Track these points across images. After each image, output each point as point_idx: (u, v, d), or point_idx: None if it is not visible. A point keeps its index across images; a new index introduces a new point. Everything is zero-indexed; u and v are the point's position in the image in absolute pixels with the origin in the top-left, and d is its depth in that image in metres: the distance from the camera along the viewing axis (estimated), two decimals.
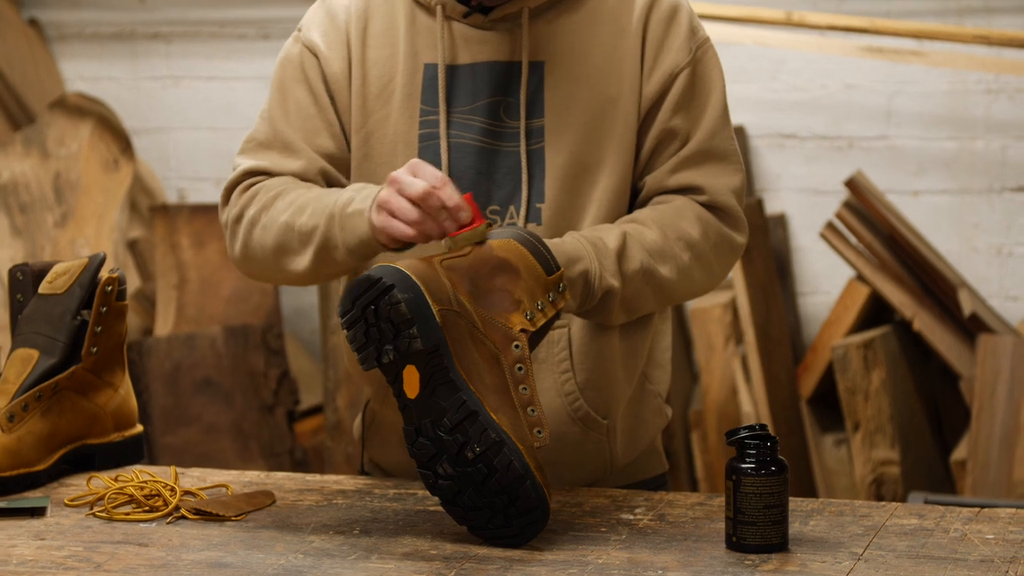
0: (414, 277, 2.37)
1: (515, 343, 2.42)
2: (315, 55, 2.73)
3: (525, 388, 2.41)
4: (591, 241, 2.58)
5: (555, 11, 2.69)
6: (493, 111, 2.67)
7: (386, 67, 2.70)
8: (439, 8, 2.68)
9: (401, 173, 2.47)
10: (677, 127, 2.68)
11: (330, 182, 2.72)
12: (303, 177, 2.71)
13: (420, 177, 2.45)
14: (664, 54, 2.69)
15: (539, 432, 2.41)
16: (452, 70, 2.68)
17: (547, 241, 2.50)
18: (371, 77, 2.70)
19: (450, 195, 2.44)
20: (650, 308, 2.69)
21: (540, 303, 2.46)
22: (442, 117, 2.67)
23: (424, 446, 2.39)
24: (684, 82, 2.69)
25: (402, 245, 2.50)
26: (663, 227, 2.64)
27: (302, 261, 2.63)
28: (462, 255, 2.43)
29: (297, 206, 2.62)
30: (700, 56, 2.71)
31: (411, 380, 2.38)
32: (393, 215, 2.46)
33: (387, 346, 2.37)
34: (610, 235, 2.60)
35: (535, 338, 2.48)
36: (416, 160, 2.48)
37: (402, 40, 2.70)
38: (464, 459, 2.36)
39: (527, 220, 2.64)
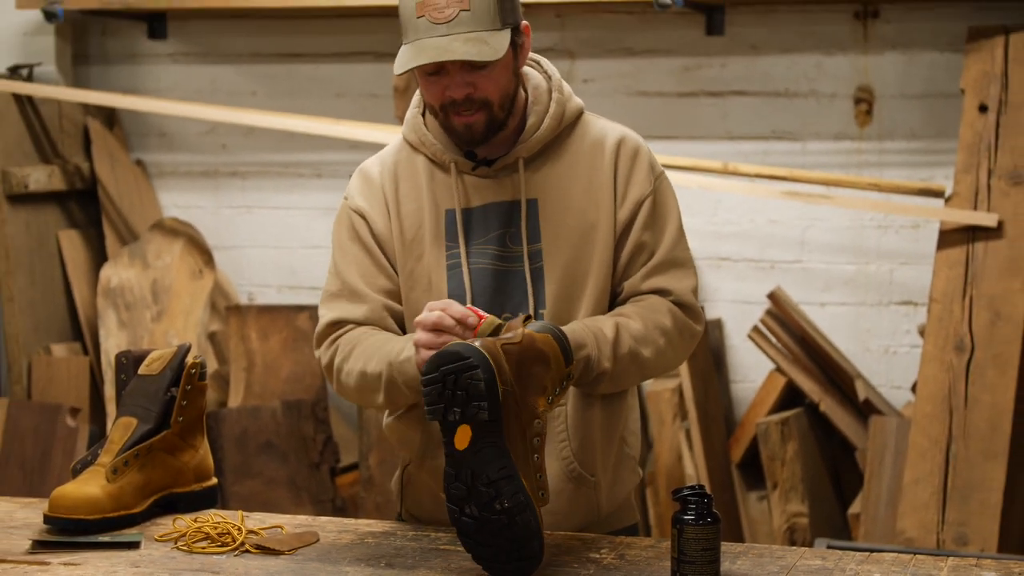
0: (491, 361, 2.36)
1: (537, 420, 2.42)
2: (363, 217, 2.75)
3: (538, 457, 2.40)
4: (593, 331, 2.60)
5: (543, 158, 2.72)
6: (501, 240, 2.68)
7: (416, 217, 2.72)
8: (452, 166, 2.70)
9: (421, 315, 2.53)
10: (645, 242, 2.70)
11: (392, 312, 2.74)
12: (370, 316, 2.73)
13: (432, 309, 2.51)
14: (631, 187, 2.71)
15: (542, 494, 2.40)
16: (467, 212, 2.70)
17: (559, 327, 2.52)
18: (406, 226, 2.72)
19: (456, 311, 2.50)
20: (633, 382, 2.71)
21: (557, 389, 2.46)
22: (462, 250, 2.69)
23: (459, 488, 2.36)
24: (648, 207, 2.71)
25: None
26: (644, 319, 2.66)
27: (378, 398, 2.67)
28: (515, 343, 2.43)
29: (366, 357, 2.66)
30: (659, 186, 2.74)
31: (463, 436, 2.36)
32: (426, 347, 2.50)
33: (456, 408, 2.34)
34: (607, 326, 2.62)
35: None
36: (431, 302, 2.55)
37: (425, 193, 2.72)
38: (492, 508, 2.34)
39: None
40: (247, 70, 5.58)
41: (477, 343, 2.37)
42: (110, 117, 5.66)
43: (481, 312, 2.52)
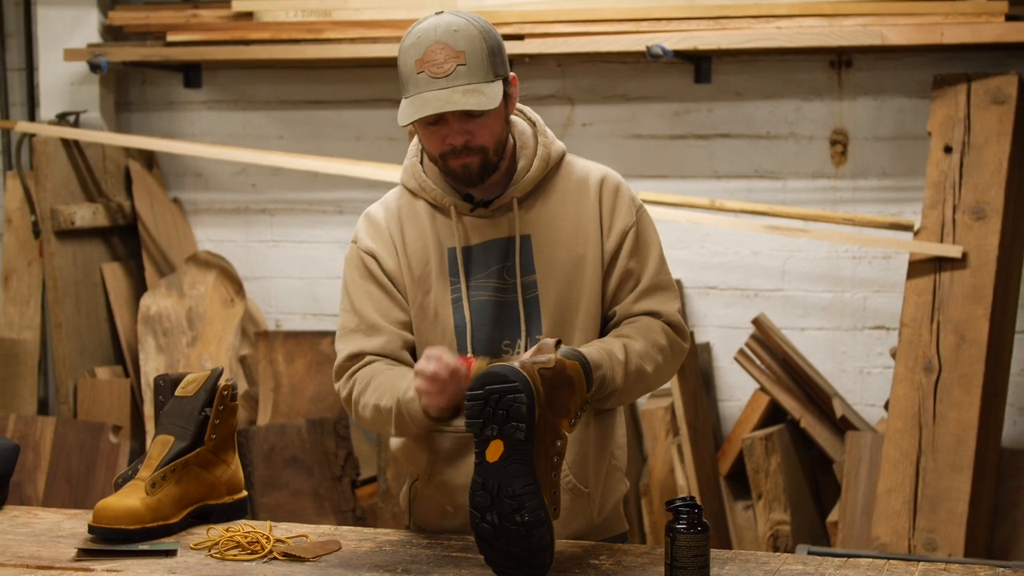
0: (532, 385, 2.35)
1: (559, 441, 2.41)
2: (373, 256, 2.74)
3: (555, 475, 2.40)
4: (607, 353, 2.60)
5: (534, 197, 2.72)
6: (499, 274, 2.69)
7: (422, 255, 2.71)
8: (452, 208, 2.71)
9: (420, 363, 2.51)
10: (632, 269, 2.71)
11: (406, 343, 2.73)
12: (386, 347, 2.71)
13: (429, 358, 2.49)
14: (616, 219, 2.72)
15: (555, 509, 2.40)
16: (467, 250, 2.70)
17: (582, 352, 2.51)
18: (413, 263, 2.72)
19: (445, 365, 2.48)
20: (635, 397, 2.72)
21: (578, 412, 2.46)
22: (463, 284, 2.68)
23: (484, 497, 2.35)
24: (632, 237, 2.72)
25: (446, 415, 2.52)
26: (644, 338, 2.67)
27: (390, 430, 2.66)
28: (549, 367, 2.42)
29: (380, 392, 2.64)
30: (640, 217, 2.76)
31: (495, 449, 2.35)
32: (425, 394, 2.49)
33: (493, 425, 2.34)
34: (616, 347, 2.62)
35: None
36: (428, 349, 2.52)
37: (429, 233, 2.72)
38: (512, 519, 2.33)
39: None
40: (274, 116, 5.59)
41: (516, 364, 2.37)
42: (149, 159, 5.67)
43: (470, 359, 2.51)
